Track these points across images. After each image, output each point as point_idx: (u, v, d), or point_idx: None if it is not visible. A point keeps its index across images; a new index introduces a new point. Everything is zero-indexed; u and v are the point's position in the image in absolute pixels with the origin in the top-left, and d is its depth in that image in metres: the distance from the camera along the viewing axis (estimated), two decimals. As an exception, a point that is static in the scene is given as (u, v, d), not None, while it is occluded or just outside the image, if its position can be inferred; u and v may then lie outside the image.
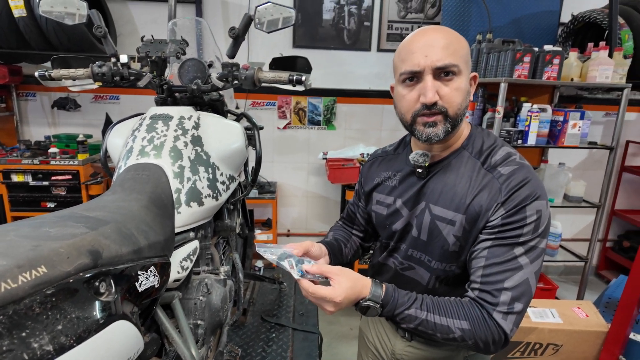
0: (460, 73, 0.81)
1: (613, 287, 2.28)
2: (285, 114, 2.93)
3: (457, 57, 0.80)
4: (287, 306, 1.77)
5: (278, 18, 1.21)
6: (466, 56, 0.84)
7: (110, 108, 2.81)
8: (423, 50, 0.80)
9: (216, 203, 1.10)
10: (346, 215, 1.20)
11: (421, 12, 2.82)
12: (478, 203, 0.82)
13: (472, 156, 0.88)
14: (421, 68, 0.80)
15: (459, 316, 0.79)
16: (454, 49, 0.80)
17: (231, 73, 1.21)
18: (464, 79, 0.82)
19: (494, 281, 0.78)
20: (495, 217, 0.80)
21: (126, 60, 1.20)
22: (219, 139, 1.15)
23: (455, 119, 0.83)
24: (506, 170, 0.83)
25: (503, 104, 2.18)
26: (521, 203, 0.78)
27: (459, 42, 0.82)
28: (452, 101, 0.81)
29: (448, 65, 0.79)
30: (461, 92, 0.82)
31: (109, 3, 2.59)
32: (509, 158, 0.85)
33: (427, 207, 0.90)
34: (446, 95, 0.80)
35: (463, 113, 0.84)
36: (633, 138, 3.12)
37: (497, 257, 0.79)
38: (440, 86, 0.80)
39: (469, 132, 0.92)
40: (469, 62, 0.86)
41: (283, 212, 3.13)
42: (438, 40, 0.80)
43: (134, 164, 0.99)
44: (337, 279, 0.78)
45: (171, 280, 0.86)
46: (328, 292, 0.76)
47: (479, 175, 0.85)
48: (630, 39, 2.42)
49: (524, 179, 0.80)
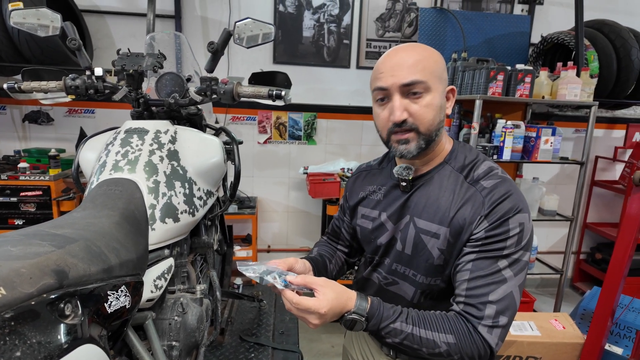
0: (430, 89, 0.82)
1: (587, 298, 2.33)
2: (265, 129, 2.92)
3: (426, 73, 0.81)
4: (267, 325, 1.72)
5: (258, 34, 1.21)
6: (438, 71, 0.84)
7: (85, 122, 2.74)
8: (391, 70, 0.82)
9: (193, 219, 1.07)
10: (331, 230, 1.19)
11: (399, 31, 2.89)
12: (462, 216, 0.83)
13: (454, 170, 0.89)
14: (389, 87, 0.82)
15: (445, 330, 0.78)
16: (423, 66, 0.81)
17: (210, 87, 1.20)
18: (435, 95, 0.83)
19: (479, 294, 0.78)
20: (479, 230, 0.81)
21: (101, 73, 1.18)
22: (197, 154, 1.13)
23: (428, 135, 0.84)
24: (489, 183, 0.84)
25: (478, 120, 2.24)
26: (504, 216, 0.79)
27: (430, 58, 0.83)
28: (422, 118, 0.82)
29: (414, 81, 0.80)
30: (432, 108, 0.83)
31: (86, 16, 2.55)
32: (491, 172, 0.86)
33: (412, 221, 0.91)
34: (416, 112, 0.82)
35: (437, 128, 0.85)
36: (601, 153, 3.25)
37: (481, 270, 0.79)
38: (409, 104, 0.82)
39: (451, 147, 0.93)
40: (443, 77, 0.86)
41: (263, 228, 3.09)
42: (406, 59, 0.82)
43: (106, 179, 0.96)
44: (321, 290, 0.76)
45: (144, 300, 0.83)
46: (312, 303, 0.74)
47: (462, 188, 0.86)
48: (595, 60, 2.54)
49: (506, 192, 0.81)
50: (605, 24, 2.69)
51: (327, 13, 2.81)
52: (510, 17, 2.87)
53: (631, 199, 1.74)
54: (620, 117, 3.21)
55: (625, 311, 2.03)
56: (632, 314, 2.03)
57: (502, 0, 2.92)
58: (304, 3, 2.77)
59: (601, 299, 1.82)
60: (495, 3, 2.92)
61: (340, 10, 2.81)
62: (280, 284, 0.77)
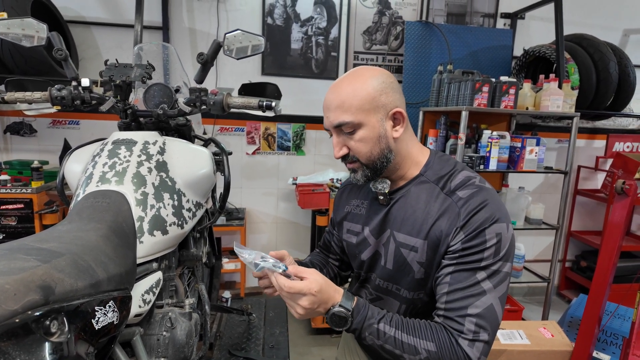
0: (361, 125, 0.85)
1: (574, 306, 2.36)
2: (254, 140, 2.91)
3: (352, 112, 0.84)
4: (257, 338, 1.70)
5: (247, 45, 1.22)
6: (369, 104, 0.84)
7: (69, 133, 2.69)
8: (325, 112, 0.89)
9: (181, 231, 1.06)
10: (323, 243, 1.19)
11: (385, 44, 2.94)
12: (438, 228, 0.82)
13: (430, 182, 0.89)
14: (327, 127, 0.90)
15: (426, 337, 0.78)
16: (348, 105, 0.84)
17: (199, 98, 1.19)
18: (368, 129, 0.85)
19: (458, 307, 0.78)
20: (455, 241, 0.80)
21: (88, 84, 1.16)
22: (186, 165, 1.11)
23: (371, 165, 0.88)
24: (464, 193, 0.83)
25: (465, 131, 2.27)
26: (480, 227, 0.78)
27: (356, 94, 0.83)
28: (359, 151, 0.87)
29: (341, 123, 0.85)
30: (366, 141, 0.86)
31: (71, 27, 2.53)
32: (468, 182, 0.85)
33: (392, 235, 0.91)
34: (352, 147, 0.87)
35: (380, 157, 0.87)
36: (583, 163, 3.33)
37: (460, 282, 0.78)
38: (346, 139, 0.87)
39: (426, 159, 0.93)
40: (378, 105, 0.85)
41: (252, 239, 3.06)
42: (332, 101, 0.87)
43: (93, 191, 0.94)
44: (311, 276, 0.78)
45: (132, 316, 0.81)
46: (304, 284, 0.76)
47: (437, 200, 0.85)
48: (576, 72, 2.62)
49: (482, 202, 0.80)
50: (584, 38, 2.79)
51: (315, 26, 2.84)
52: (493, 31, 2.94)
53: (613, 207, 1.78)
54: (600, 127, 3.31)
55: (612, 318, 2.06)
56: (618, 321, 2.06)
57: (485, 15, 3.00)
58: (292, 16, 2.80)
59: (588, 306, 1.85)
60: (478, 17, 3.00)
61: (327, 23, 2.85)
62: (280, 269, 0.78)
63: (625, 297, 2.15)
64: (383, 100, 0.85)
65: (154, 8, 2.62)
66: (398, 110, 0.87)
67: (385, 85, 0.86)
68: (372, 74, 0.86)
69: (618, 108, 2.93)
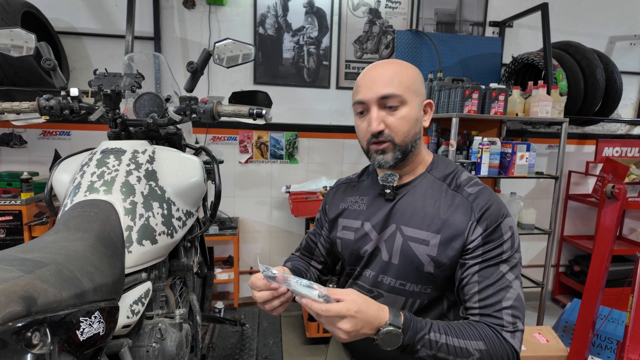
0: (406, 102, 0.86)
1: (568, 311, 2.36)
2: (247, 148, 2.91)
3: (402, 87, 0.85)
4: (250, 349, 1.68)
5: (237, 54, 1.22)
6: (414, 86, 0.88)
7: (60, 144, 2.67)
8: (368, 84, 0.87)
9: (171, 241, 1.04)
10: (305, 246, 1.15)
11: (376, 53, 2.97)
12: (453, 222, 0.85)
13: (437, 179, 0.92)
14: (366, 100, 0.87)
15: (475, 337, 0.77)
16: (399, 80, 0.85)
17: (189, 107, 1.19)
18: (411, 108, 0.86)
19: (493, 303, 0.80)
20: (475, 237, 0.83)
21: (77, 94, 1.16)
22: (176, 173, 1.11)
23: (403, 146, 0.88)
24: (473, 190, 0.88)
25: (456, 137, 2.29)
26: (495, 221, 0.83)
27: (405, 73, 0.87)
28: (398, 130, 0.86)
29: (389, 94, 0.84)
30: (407, 120, 0.86)
31: (62, 38, 2.52)
32: (472, 180, 0.91)
33: (399, 229, 0.91)
34: (392, 124, 0.86)
35: (413, 140, 0.89)
36: (574, 168, 3.36)
37: (488, 278, 0.81)
38: (385, 116, 0.86)
39: (432, 159, 0.97)
40: (420, 91, 0.90)
41: (245, 249, 3.03)
42: (383, 74, 0.86)
43: (81, 201, 0.93)
44: (347, 297, 0.72)
45: (119, 327, 0.79)
46: (342, 306, 0.70)
47: (447, 195, 0.89)
48: (564, 79, 2.66)
49: (490, 198, 0.86)
50: (570, 45, 2.84)
51: (306, 35, 2.86)
52: (482, 39, 2.99)
53: (604, 211, 1.80)
54: (589, 133, 3.35)
55: (606, 322, 2.06)
56: (612, 325, 2.07)
57: (474, 23, 3.04)
58: (283, 26, 2.82)
59: (581, 311, 1.85)
60: (467, 26, 3.04)
61: (319, 32, 2.87)
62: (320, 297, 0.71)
63: (618, 300, 2.16)
64: (422, 89, 0.90)
65: (146, 18, 2.63)
66: (430, 102, 0.93)
67: (422, 77, 0.92)
68: (411, 64, 0.91)
69: (606, 113, 2.97)
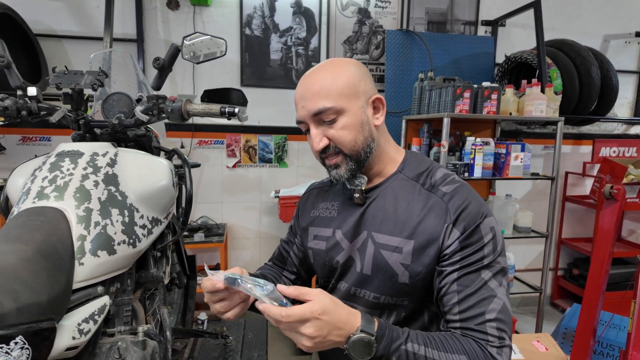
0: (342, 111, 0.79)
1: (568, 316, 2.27)
2: (234, 152, 2.83)
3: (333, 97, 0.78)
4: (232, 363, 1.58)
5: (207, 49, 1.15)
6: (350, 88, 0.79)
7: (40, 150, 2.59)
8: (300, 101, 0.81)
9: (134, 250, 0.96)
10: (277, 255, 1.08)
11: (366, 54, 2.90)
12: (426, 226, 0.77)
13: (409, 179, 0.85)
14: (302, 119, 0.82)
15: (457, 350, 0.69)
16: (327, 91, 0.78)
17: (156, 106, 1.11)
18: (350, 115, 0.79)
19: (474, 315, 0.72)
20: (451, 241, 0.75)
21: (35, 93, 1.07)
22: (140, 177, 1.02)
23: (355, 155, 0.81)
24: (448, 188, 0.80)
25: (447, 138, 2.22)
26: (473, 222, 0.75)
27: (335, 79, 0.79)
28: (342, 141, 0.80)
29: (321, 110, 0.78)
30: (349, 129, 0.79)
31: (42, 40, 2.45)
32: (448, 178, 0.82)
33: (370, 237, 0.83)
34: (334, 137, 0.80)
35: (365, 145, 0.81)
36: (571, 169, 3.29)
37: (468, 287, 0.73)
38: (326, 130, 0.81)
39: (403, 157, 0.89)
40: (359, 91, 0.81)
41: (234, 256, 2.94)
42: (309, 88, 0.80)
43: (27, 208, 0.84)
44: (316, 298, 0.64)
45: (60, 350, 0.70)
46: (305, 308, 0.62)
47: (420, 196, 0.81)
48: (558, 77, 2.59)
49: (467, 197, 0.77)
50: (565, 43, 2.77)
51: (294, 36, 2.80)
52: (474, 39, 2.92)
53: (603, 213, 1.72)
54: (586, 133, 3.28)
55: (607, 328, 1.98)
56: (613, 331, 1.98)
57: (466, 22, 2.98)
58: (270, 26, 2.75)
59: (581, 317, 1.77)
60: (459, 25, 2.98)
61: (307, 33, 2.80)
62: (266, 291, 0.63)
63: (620, 305, 2.07)
64: (363, 87, 0.82)
65: (129, 20, 2.55)
66: (378, 97, 0.84)
67: (363, 72, 0.83)
68: (348, 62, 0.83)
69: (602, 112, 2.91)
